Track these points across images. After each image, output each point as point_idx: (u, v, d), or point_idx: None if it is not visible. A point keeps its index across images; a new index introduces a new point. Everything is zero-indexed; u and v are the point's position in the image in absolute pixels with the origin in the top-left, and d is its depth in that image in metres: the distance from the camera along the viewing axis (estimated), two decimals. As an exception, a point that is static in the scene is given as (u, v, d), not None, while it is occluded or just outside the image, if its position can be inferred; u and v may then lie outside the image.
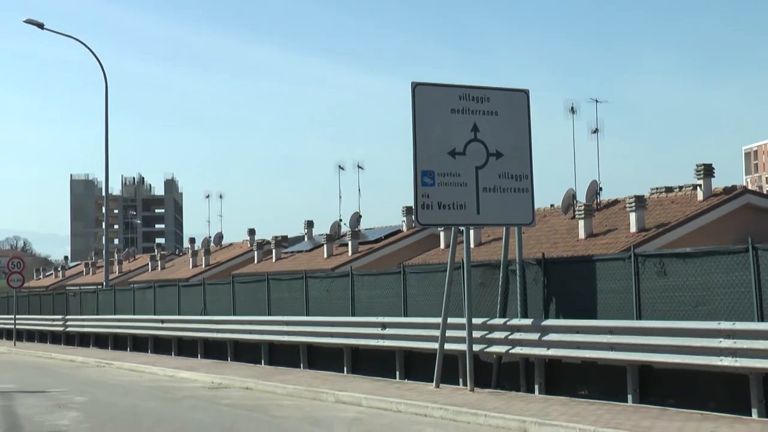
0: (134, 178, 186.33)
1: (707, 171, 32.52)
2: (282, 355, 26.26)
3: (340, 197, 58.23)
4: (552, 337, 17.29)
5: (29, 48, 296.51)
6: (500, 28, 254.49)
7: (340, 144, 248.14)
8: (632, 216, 33.17)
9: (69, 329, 42.59)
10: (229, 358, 28.73)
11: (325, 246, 54.02)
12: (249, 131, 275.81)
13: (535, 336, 17.61)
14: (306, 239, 62.50)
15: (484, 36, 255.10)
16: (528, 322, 17.91)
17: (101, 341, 39.43)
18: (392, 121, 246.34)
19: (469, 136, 18.43)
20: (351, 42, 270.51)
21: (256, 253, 61.62)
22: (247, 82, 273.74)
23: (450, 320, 18.72)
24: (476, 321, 18.46)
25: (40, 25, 43.70)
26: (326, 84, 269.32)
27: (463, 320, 18.41)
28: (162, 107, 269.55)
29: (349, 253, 50.40)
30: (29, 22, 43.59)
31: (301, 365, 25.03)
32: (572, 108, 39.02)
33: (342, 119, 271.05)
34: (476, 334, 18.44)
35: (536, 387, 17.78)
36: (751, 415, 13.82)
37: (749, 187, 40.04)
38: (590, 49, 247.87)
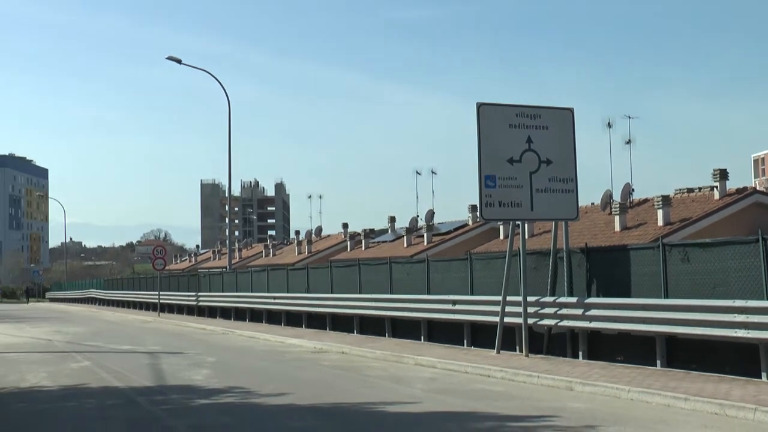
0: (251, 182, 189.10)
1: (722, 175, 32.45)
2: (370, 325, 26.49)
3: (417, 197, 58.45)
4: (593, 312, 17.34)
5: (169, 78, 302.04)
6: (547, 50, 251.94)
7: (417, 153, 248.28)
8: (659, 212, 33.15)
9: (200, 303, 43.29)
10: (327, 328, 29.07)
11: (405, 237, 54.18)
12: (344, 143, 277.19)
13: (579, 311, 17.67)
14: (389, 232, 62.63)
15: (533, 58, 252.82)
16: (573, 299, 18.00)
17: (225, 313, 40.02)
18: (459, 133, 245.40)
19: (524, 146, 18.60)
20: (424, 67, 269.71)
21: (348, 242, 62.07)
22: (341, 103, 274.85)
23: (508, 298, 18.89)
24: (530, 299, 18.58)
25: (178, 61, 44.52)
26: (406, 104, 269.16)
27: (520, 298, 18.55)
28: (274, 124, 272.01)
29: (425, 243, 50.50)
30: (170, 58, 44.49)
31: (386, 334, 25.24)
32: (609, 123, 39.81)
33: (418, 132, 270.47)
34: (530, 309, 18.57)
35: (580, 354, 17.86)
36: (761, 378, 13.85)
37: (758, 189, 39.52)
38: (623, 71, 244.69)
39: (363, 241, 60.21)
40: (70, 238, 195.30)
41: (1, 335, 32.69)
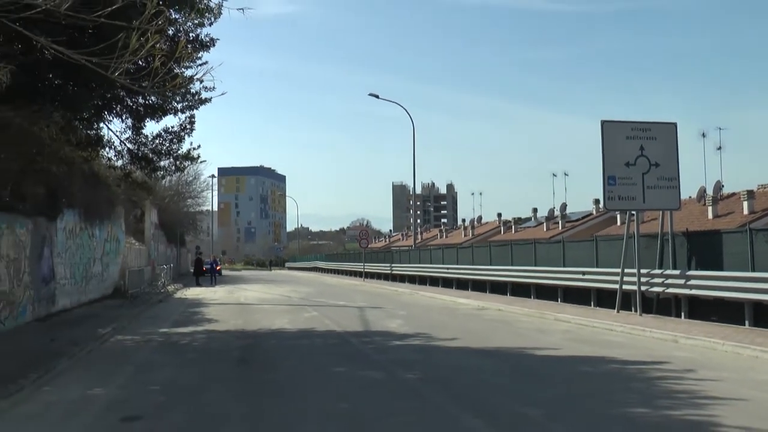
0: (429, 183, 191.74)
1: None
2: (519, 290, 26.10)
3: (553, 193, 58.44)
4: (693, 282, 16.58)
5: (368, 109, 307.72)
6: (653, 70, 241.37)
7: (552, 158, 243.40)
8: (745, 203, 31.90)
9: (393, 272, 43.77)
10: (487, 291, 28.87)
11: (544, 223, 53.67)
12: (498, 152, 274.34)
13: (681, 281, 16.93)
14: (532, 219, 62.07)
15: (640, 78, 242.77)
16: (677, 272, 17.24)
17: (411, 279, 40.39)
18: (584, 142, 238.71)
19: (638, 153, 18.17)
20: (556, 93, 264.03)
21: (501, 228, 62.00)
22: (495, 122, 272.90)
23: (626, 270, 18.30)
24: (643, 271, 17.95)
25: (376, 96, 45.22)
26: (541, 121, 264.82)
27: (634, 270, 17.98)
28: (446, 139, 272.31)
29: (559, 228, 49.84)
30: (371, 95, 45.32)
31: (531, 297, 24.87)
32: (703, 133, 40.91)
33: (553, 142, 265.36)
34: (643, 279, 17.94)
35: (682, 314, 17.08)
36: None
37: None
38: (713, 88, 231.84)
39: (513, 226, 60.10)
40: (301, 225, 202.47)
41: (257, 293, 34.16)
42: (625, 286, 18.51)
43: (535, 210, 63.25)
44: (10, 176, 14.64)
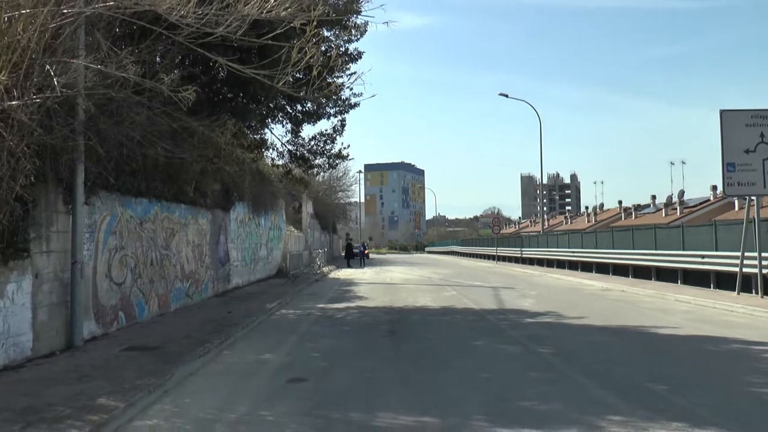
0: (554, 174, 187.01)
1: None
2: (640, 272, 24.94)
3: (671, 180, 55.04)
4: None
5: (497, 106, 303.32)
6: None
7: (670, 148, 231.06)
8: None
9: (523, 255, 42.93)
10: (610, 273, 27.80)
11: (663, 209, 51.13)
12: (619, 142, 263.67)
13: (803, 265, 15.63)
14: (651, 206, 59.34)
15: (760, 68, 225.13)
16: (798, 256, 15.93)
17: (540, 262, 39.51)
18: (701, 132, 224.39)
19: (758, 140, 17.01)
20: (672, 83, 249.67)
21: (622, 214, 59.66)
22: (612, 114, 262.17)
23: (746, 254, 17.07)
24: (764, 254, 16.61)
25: (506, 95, 44.48)
26: (663, 112, 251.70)
27: (754, 254, 16.70)
28: (572, 131, 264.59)
29: (678, 213, 47.34)
30: (501, 94, 44.60)
31: (652, 278, 23.73)
32: None
33: (672, 132, 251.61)
34: (764, 262, 16.62)
35: (804, 295, 15.81)
36: None
37: None
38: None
39: (633, 213, 57.60)
40: (438, 213, 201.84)
41: (401, 274, 34.53)
42: (745, 269, 17.27)
43: (653, 197, 60.42)
44: (193, 176, 15.63)
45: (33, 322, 9.10)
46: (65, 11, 8.60)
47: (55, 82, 8.49)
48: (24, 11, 8.22)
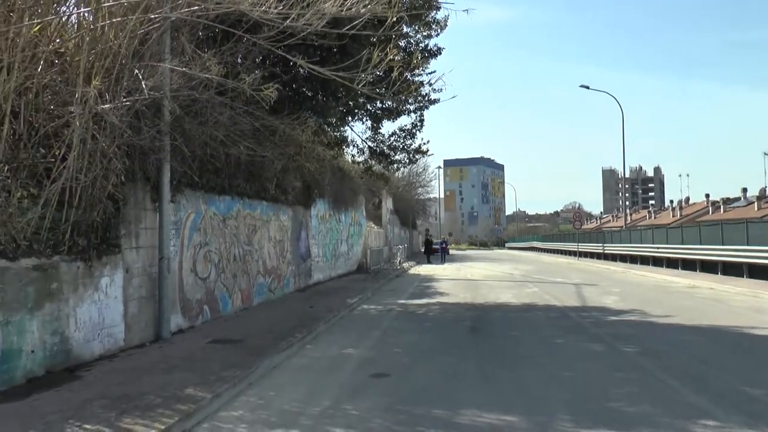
0: (637, 167, 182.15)
1: None
2: (730, 269, 23.79)
3: (765, 172, 52.40)
4: None
5: (578, 99, 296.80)
6: None
7: (763, 137, 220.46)
8: None
9: (606, 251, 41.64)
10: (697, 270, 26.66)
11: (755, 203, 48.66)
12: (708, 132, 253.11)
13: None
14: (742, 199, 56.73)
15: None
16: None
17: (623, 258, 38.15)
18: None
19: None
20: (762, 70, 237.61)
21: (710, 208, 57.13)
22: (700, 102, 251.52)
23: None
24: None
25: (587, 87, 43.34)
26: (752, 101, 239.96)
27: None
28: (655, 122, 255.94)
29: (772, 208, 44.94)
30: (582, 86, 43.47)
31: (744, 276, 22.58)
32: None
33: (764, 123, 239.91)
34: None
35: None
36: None
37: None
38: None
39: (721, 206, 55.15)
40: (518, 208, 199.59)
41: (481, 270, 34.23)
42: None
43: (744, 190, 57.76)
44: (275, 173, 15.93)
45: (124, 315, 9.48)
46: (152, 17, 8.90)
47: (143, 86, 8.80)
48: (115, 19, 8.55)
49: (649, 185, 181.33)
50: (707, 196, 63.79)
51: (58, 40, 8.55)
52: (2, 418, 6.06)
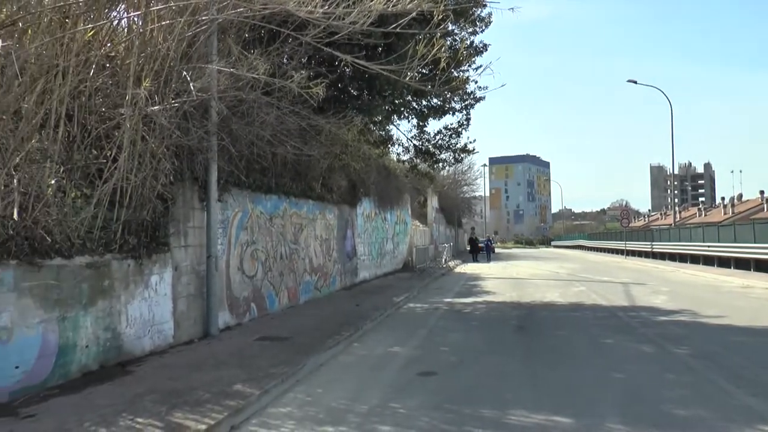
0: (686, 164, 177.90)
1: None
2: (788, 268, 23.20)
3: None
4: None
5: (625, 94, 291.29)
6: None
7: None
8: None
9: (654, 249, 40.76)
10: (751, 269, 25.88)
11: (813, 201, 47.01)
12: (761, 126, 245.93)
13: None
14: (799, 197, 54.99)
15: None
16: None
17: (672, 257, 37.25)
18: None
19: None
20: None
21: (765, 205, 55.44)
22: (754, 100, 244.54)
23: None
24: None
25: (635, 82, 42.52)
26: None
27: None
28: (705, 117, 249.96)
29: (831, 205, 43.39)
30: (629, 81, 42.67)
31: (802, 275, 21.96)
32: None
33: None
34: None
35: None
36: None
37: None
38: None
39: (777, 205, 53.40)
40: (564, 206, 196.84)
41: (527, 269, 33.89)
42: None
43: (802, 187, 55.98)
44: (320, 172, 16.04)
45: (173, 312, 9.66)
46: (199, 20, 9.04)
47: (191, 87, 8.96)
48: (164, 22, 8.72)
49: (699, 182, 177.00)
50: (762, 192, 61.83)
51: (109, 44, 8.76)
52: (60, 410, 6.25)
